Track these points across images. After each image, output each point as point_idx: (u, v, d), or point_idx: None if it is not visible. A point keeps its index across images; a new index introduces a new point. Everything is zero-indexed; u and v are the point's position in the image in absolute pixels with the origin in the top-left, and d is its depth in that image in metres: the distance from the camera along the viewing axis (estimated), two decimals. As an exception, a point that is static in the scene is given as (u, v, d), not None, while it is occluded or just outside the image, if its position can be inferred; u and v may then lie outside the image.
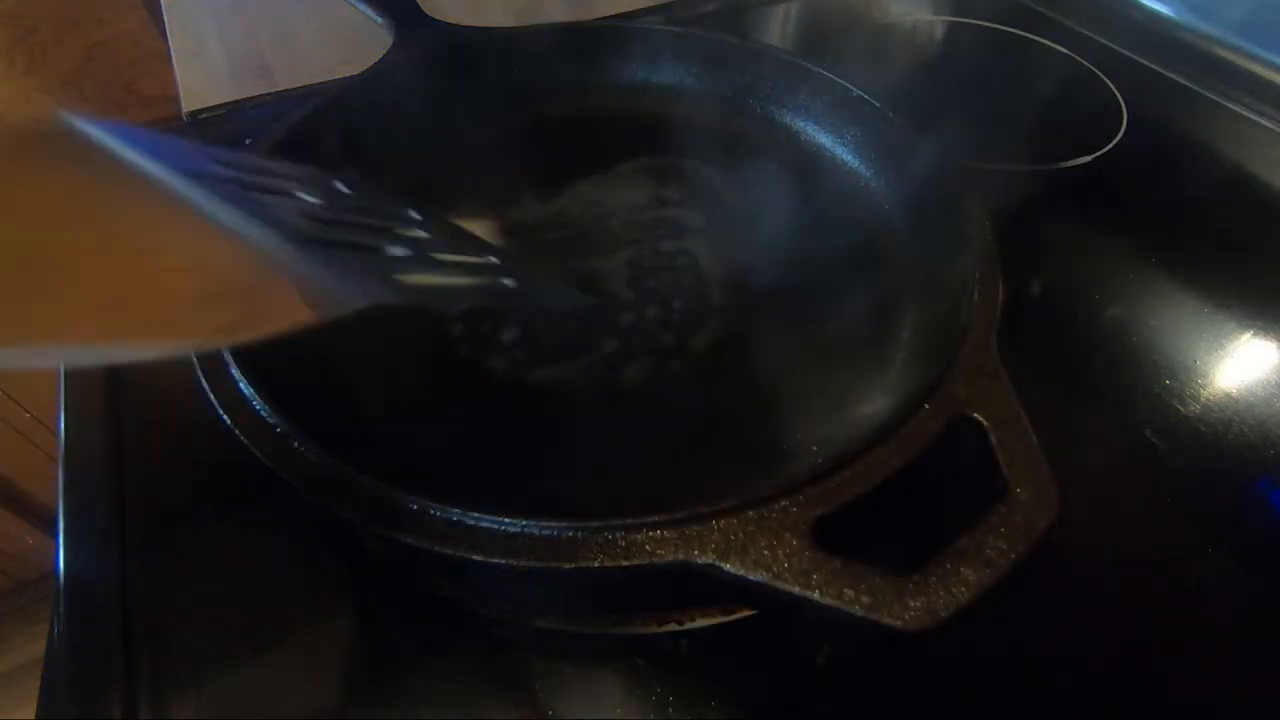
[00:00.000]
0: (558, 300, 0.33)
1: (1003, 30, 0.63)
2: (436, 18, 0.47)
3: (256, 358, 0.28)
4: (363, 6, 0.48)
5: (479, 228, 0.30)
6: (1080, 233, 0.46)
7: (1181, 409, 0.36)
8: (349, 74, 0.44)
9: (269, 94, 0.53)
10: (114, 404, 0.35)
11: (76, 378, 0.36)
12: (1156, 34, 0.61)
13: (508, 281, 0.25)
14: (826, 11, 0.66)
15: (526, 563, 0.23)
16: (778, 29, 0.65)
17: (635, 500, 0.30)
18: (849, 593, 0.22)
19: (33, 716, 0.27)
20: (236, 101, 0.52)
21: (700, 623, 0.28)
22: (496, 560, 0.23)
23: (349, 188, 0.24)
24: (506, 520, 0.24)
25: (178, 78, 0.54)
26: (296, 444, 0.26)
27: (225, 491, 0.32)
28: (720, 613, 0.29)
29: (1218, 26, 0.59)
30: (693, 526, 0.24)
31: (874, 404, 0.33)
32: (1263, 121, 0.54)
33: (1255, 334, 0.40)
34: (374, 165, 0.41)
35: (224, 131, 0.51)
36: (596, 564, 0.23)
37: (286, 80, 0.54)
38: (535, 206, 0.43)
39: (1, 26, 0.71)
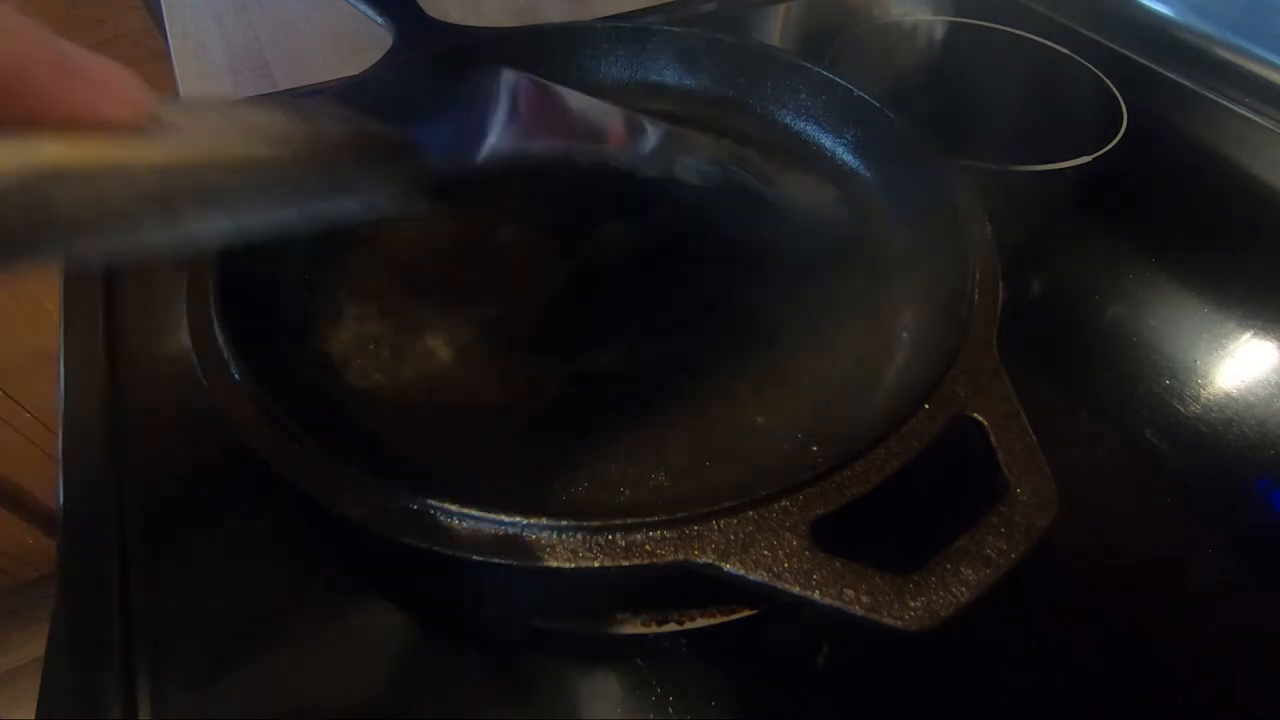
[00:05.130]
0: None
1: (1003, 30, 0.63)
2: (437, 18, 0.47)
3: (258, 358, 0.28)
4: (363, 6, 0.48)
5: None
6: (1080, 233, 0.46)
7: (1181, 409, 0.36)
8: (349, 74, 0.44)
9: (269, 94, 0.53)
10: (114, 404, 0.35)
11: (76, 377, 0.36)
12: (1156, 34, 0.61)
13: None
14: (826, 11, 0.66)
15: (526, 563, 0.23)
16: (778, 29, 0.65)
17: (635, 500, 0.30)
18: (849, 593, 0.22)
19: (33, 716, 0.27)
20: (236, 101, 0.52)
21: (700, 623, 0.28)
22: (496, 560, 0.23)
23: None
24: (506, 520, 0.24)
25: (178, 78, 0.54)
26: (297, 443, 0.26)
27: (226, 491, 0.32)
28: (720, 613, 0.29)
29: (1218, 26, 0.59)
30: (693, 526, 0.24)
31: (874, 404, 0.33)
32: (1263, 121, 0.54)
33: (1255, 334, 0.40)
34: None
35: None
36: (596, 564, 0.23)
37: (286, 80, 0.54)
38: (534, 206, 0.43)
39: (1, 26, 0.70)
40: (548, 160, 0.30)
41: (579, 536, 0.23)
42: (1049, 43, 0.61)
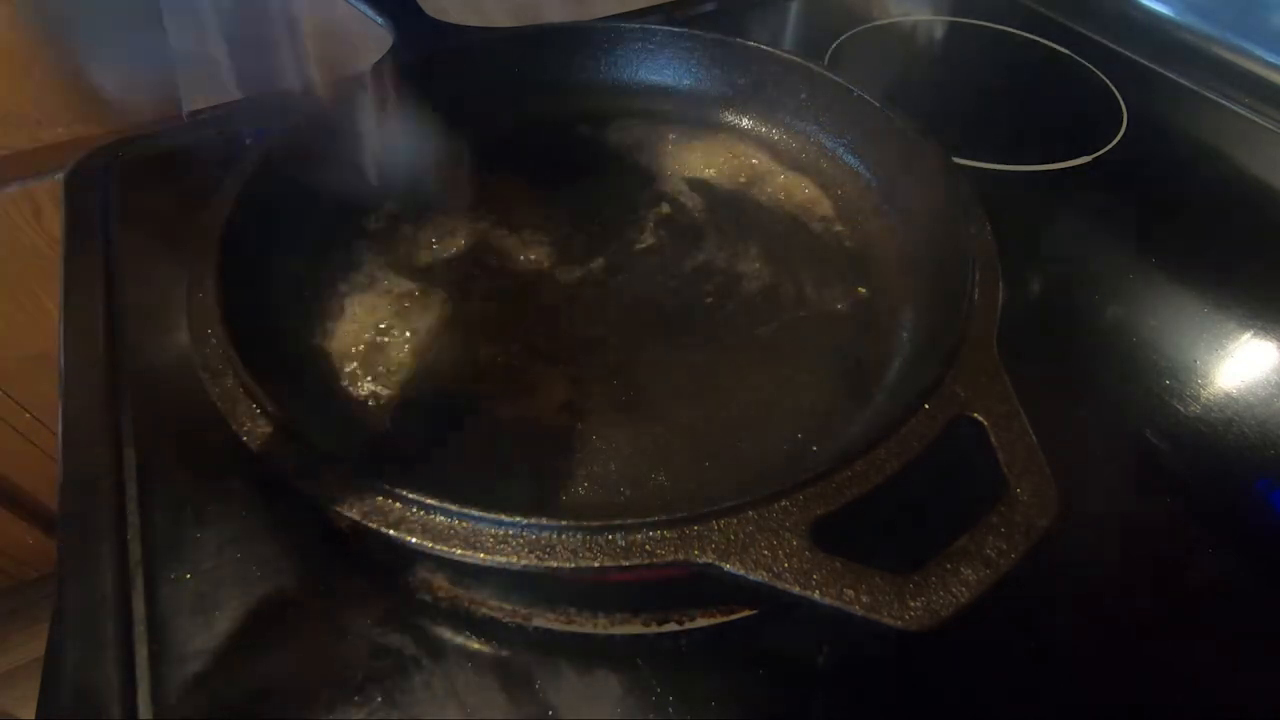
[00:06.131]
0: None
1: (1003, 30, 0.63)
2: (437, 18, 0.47)
3: (258, 358, 0.28)
4: (363, 6, 0.48)
5: None
6: (1080, 233, 0.46)
7: (1181, 409, 0.36)
8: (349, 74, 0.44)
9: (269, 94, 0.53)
10: (114, 405, 0.35)
11: (76, 377, 0.36)
12: (1156, 34, 0.61)
13: None
14: (826, 11, 0.66)
15: (526, 563, 0.23)
16: (778, 29, 0.65)
17: (635, 500, 0.30)
18: (849, 593, 0.22)
19: (33, 716, 0.27)
20: (236, 101, 0.52)
21: (700, 623, 0.28)
22: (496, 560, 0.23)
23: None
24: (506, 520, 0.24)
25: (178, 78, 0.54)
26: (296, 443, 0.26)
27: (225, 491, 0.32)
28: (720, 613, 0.29)
29: (1217, 26, 0.59)
30: (693, 526, 0.24)
31: (874, 404, 0.33)
32: (1263, 121, 0.54)
33: (1255, 334, 0.40)
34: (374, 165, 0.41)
35: (224, 131, 0.51)
36: (596, 564, 0.23)
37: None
38: (534, 205, 0.43)
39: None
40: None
41: (579, 536, 0.23)
42: (1049, 43, 0.61)
